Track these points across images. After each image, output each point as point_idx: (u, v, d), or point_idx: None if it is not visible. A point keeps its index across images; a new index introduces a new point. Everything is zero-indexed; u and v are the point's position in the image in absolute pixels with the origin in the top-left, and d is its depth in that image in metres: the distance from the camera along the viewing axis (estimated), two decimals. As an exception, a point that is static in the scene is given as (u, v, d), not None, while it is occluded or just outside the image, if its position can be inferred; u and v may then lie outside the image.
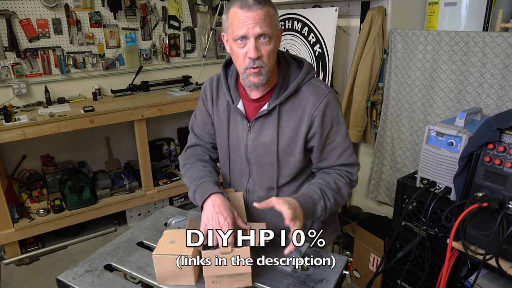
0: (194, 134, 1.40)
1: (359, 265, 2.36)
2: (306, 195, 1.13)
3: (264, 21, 1.05)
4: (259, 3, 1.04)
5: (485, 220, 1.33)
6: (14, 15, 2.75)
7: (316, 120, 1.16)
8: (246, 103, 1.23)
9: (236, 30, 1.06)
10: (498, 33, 1.81)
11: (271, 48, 1.08)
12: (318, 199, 1.13)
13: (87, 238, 2.95)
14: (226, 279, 1.03)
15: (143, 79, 3.38)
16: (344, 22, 2.59)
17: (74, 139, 3.17)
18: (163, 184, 3.20)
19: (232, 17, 1.07)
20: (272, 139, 1.19)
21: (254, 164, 1.26)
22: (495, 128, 1.28)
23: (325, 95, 1.17)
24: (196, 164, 1.32)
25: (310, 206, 1.11)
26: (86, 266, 1.17)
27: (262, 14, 1.04)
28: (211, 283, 1.03)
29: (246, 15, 1.04)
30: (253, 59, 1.07)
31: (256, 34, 1.05)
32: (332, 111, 1.18)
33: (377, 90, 2.45)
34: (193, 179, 1.26)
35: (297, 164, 1.23)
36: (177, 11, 3.46)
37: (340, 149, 1.21)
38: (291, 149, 1.20)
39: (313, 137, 1.19)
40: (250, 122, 1.21)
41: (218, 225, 1.07)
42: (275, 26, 1.09)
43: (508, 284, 1.46)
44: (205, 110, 1.33)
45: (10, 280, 2.50)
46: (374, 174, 2.56)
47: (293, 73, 1.19)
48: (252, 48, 1.06)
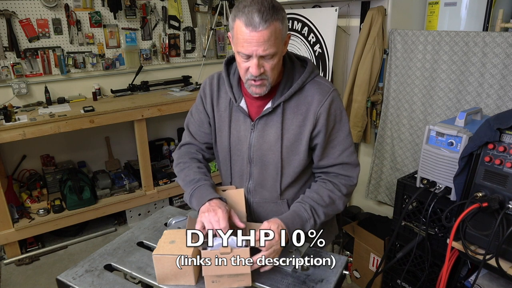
0: (189, 132, 1.38)
1: (359, 265, 2.36)
2: (296, 215, 1.15)
3: (268, 42, 1.01)
4: (265, 22, 0.99)
5: (485, 220, 1.33)
6: (14, 15, 2.74)
7: (321, 118, 1.15)
8: (248, 101, 1.22)
9: (239, 47, 1.04)
10: (498, 33, 1.81)
11: (274, 63, 1.07)
12: (308, 219, 1.15)
13: (87, 238, 2.95)
14: (226, 278, 1.03)
15: (143, 79, 3.38)
16: (344, 22, 2.59)
17: (74, 139, 3.17)
18: (163, 184, 3.20)
19: (236, 30, 1.04)
20: (276, 138, 1.18)
21: (256, 164, 1.24)
22: (495, 128, 1.28)
23: (330, 92, 1.16)
24: (191, 165, 1.30)
25: (298, 225, 1.13)
26: (86, 266, 1.17)
27: (267, 34, 1.00)
28: (211, 282, 1.03)
29: (251, 35, 1.00)
30: (255, 76, 1.07)
31: (259, 55, 1.03)
32: (336, 108, 1.18)
33: (377, 90, 2.45)
34: (188, 181, 1.24)
35: (300, 163, 1.22)
36: (177, 11, 3.46)
37: (341, 146, 1.21)
38: (295, 147, 1.20)
39: (318, 134, 1.18)
40: (253, 121, 1.20)
41: (212, 226, 1.06)
42: (281, 41, 1.05)
43: (508, 284, 1.46)
44: (202, 109, 1.31)
45: (10, 280, 2.50)
46: (374, 174, 2.56)
47: (297, 71, 1.19)
48: (254, 67, 1.05)
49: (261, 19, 0.98)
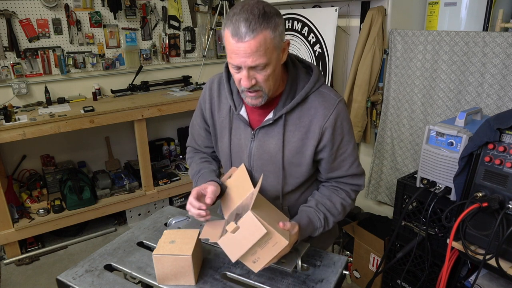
0: (192, 137, 1.40)
1: (359, 265, 2.36)
2: (310, 223, 1.14)
3: (256, 53, 0.95)
4: (252, 32, 0.93)
5: (485, 220, 1.33)
6: (14, 15, 2.74)
7: (326, 133, 1.11)
8: (249, 109, 1.18)
9: (228, 57, 1.00)
10: (498, 33, 1.80)
11: (268, 73, 1.00)
12: (319, 227, 1.16)
13: (87, 238, 2.95)
14: (260, 251, 0.99)
15: (143, 79, 3.38)
16: (344, 22, 2.59)
17: (74, 139, 3.18)
18: (163, 184, 3.20)
19: (225, 40, 0.99)
20: (277, 149, 1.15)
21: (257, 172, 1.21)
22: (495, 128, 1.28)
23: (335, 105, 1.11)
24: (194, 158, 1.37)
25: (309, 232, 1.14)
26: (86, 266, 1.17)
27: (254, 45, 0.94)
28: (252, 263, 1.01)
29: (238, 46, 0.95)
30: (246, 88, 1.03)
31: (248, 66, 0.98)
32: (342, 121, 1.13)
33: (377, 90, 2.45)
34: (192, 176, 1.31)
35: (303, 174, 1.19)
36: (177, 11, 3.46)
37: (351, 159, 1.19)
38: (297, 159, 1.16)
39: (323, 149, 1.15)
40: (254, 130, 1.17)
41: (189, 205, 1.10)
42: (273, 50, 0.98)
43: (508, 284, 1.46)
44: (201, 115, 1.31)
45: (10, 280, 2.50)
46: (374, 174, 2.56)
47: (301, 80, 1.13)
48: (244, 79, 1.00)
49: (247, 28, 0.93)
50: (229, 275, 1.12)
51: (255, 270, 1.02)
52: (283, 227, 1.01)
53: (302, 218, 1.13)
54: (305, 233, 1.11)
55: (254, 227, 0.96)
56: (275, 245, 0.98)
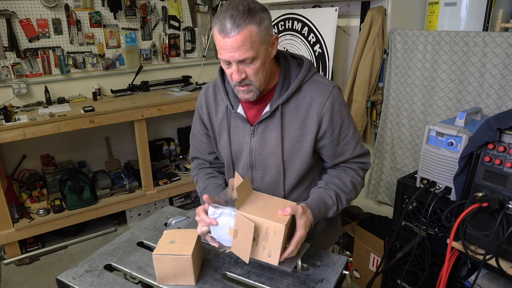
0: (193, 146, 1.41)
1: (359, 265, 2.36)
2: (321, 201, 1.14)
3: (242, 47, 0.99)
4: (237, 27, 0.97)
5: (485, 220, 1.33)
6: (14, 15, 2.75)
7: (325, 118, 1.13)
8: (246, 106, 1.20)
9: (219, 54, 1.05)
10: (498, 33, 1.81)
11: (257, 66, 1.04)
12: (332, 205, 1.16)
13: (87, 238, 2.95)
14: (267, 244, 1.00)
15: (143, 79, 3.38)
16: (344, 22, 2.59)
17: (74, 139, 3.18)
18: (163, 184, 3.20)
19: (215, 38, 1.04)
20: (277, 141, 1.16)
21: (258, 168, 1.23)
22: (495, 128, 1.28)
23: (330, 90, 1.14)
24: (199, 175, 1.37)
25: (322, 212, 1.14)
26: (86, 266, 1.17)
27: (240, 39, 0.98)
28: (268, 257, 1.02)
29: (225, 41, 1.00)
30: (237, 82, 1.06)
31: (236, 60, 1.02)
32: (340, 105, 1.15)
33: (377, 90, 2.45)
34: (200, 193, 1.32)
35: (303, 165, 1.20)
36: (177, 11, 3.46)
37: (354, 142, 1.21)
38: (297, 149, 1.18)
39: (324, 135, 1.16)
40: (253, 126, 1.19)
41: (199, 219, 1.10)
42: (258, 45, 1.02)
43: (508, 284, 1.46)
44: (200, 121, 1.32)
45: (10, 280, 2.50)
46: (374, 174, 2.56)
47: (294, 71, 1.16)
48: (235, 73, 1.04)
49: (232, 24, 0.97)
50: (229, 275, 1.12)
51: (275, 263, 1.02)
52: (283, 214, 1.02)
53: (313, 199, 1.14)
54: (318, 213, 1.11)
55: (245, 224, 0.98)
56: (276, 233, 0.99)
